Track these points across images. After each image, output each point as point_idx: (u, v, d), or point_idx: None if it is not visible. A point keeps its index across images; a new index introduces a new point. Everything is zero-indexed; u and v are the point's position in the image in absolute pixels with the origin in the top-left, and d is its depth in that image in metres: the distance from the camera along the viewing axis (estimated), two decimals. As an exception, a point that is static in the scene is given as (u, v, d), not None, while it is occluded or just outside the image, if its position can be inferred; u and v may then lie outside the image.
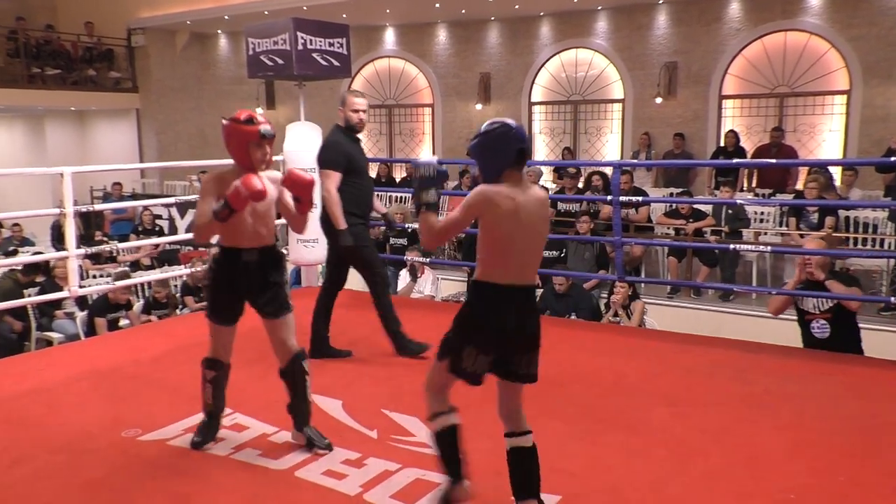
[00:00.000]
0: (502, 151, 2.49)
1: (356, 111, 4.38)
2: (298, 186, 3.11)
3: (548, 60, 12.27)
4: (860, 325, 4.65)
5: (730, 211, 7.61)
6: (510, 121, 2.56)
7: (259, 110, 14.37)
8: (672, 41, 11.20)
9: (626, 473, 2.99)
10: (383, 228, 7.62)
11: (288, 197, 3.20)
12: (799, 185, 9.06)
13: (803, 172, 9.02)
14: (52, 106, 14.09)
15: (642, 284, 7.00)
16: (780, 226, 7.96)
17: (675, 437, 3.30)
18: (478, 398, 2.83)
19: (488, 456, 2.89)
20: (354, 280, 4.69)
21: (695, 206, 7.91)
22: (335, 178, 4.23)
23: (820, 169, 7.72)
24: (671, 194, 9.67)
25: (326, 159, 4.31)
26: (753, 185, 9.74)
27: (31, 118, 15.18)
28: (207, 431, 3.27)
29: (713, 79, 10.91)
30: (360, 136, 4.53)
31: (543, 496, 2.78)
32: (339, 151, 4.29)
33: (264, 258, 3.15)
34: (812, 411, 3.59)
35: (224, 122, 3.07)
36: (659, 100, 11.24)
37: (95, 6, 14.38)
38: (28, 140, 15.55)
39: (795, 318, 4.77)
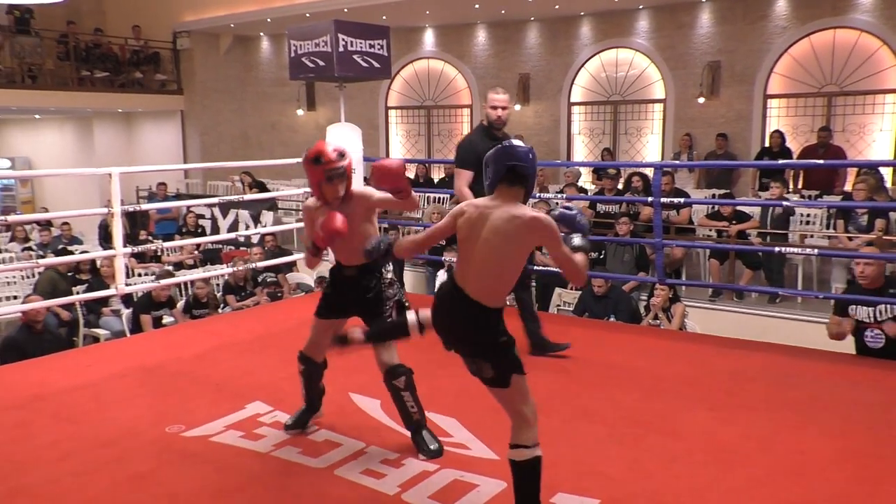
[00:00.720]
0: (496, 166, 2.61)
1: (494, 107, 4.23)
2: (388, 178, 3.08)
3: (588, 60, 12.17)
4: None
5: (778, 210, 7.45)
6: (518, 142, 2.71)
7: (300, 111, 14.57)
8: (715, 40, 11.01)
9: (666, 479, 2.94)
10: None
11: (383, 193, 3.21)
12: (847, 187, 8.83)
13: (852, 174, 8.80)
14: (100, 108, 14.45)
15: (683, 287, 6.90)
16: (828, 228, 7.78)
17: (716, 443, 3.24)
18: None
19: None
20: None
21: (738, 207, 7.77)
22: (465, 176, 4.17)
23: (870, 170, 7.51)
24: (713, 196, 9.52)
25: (458, 157, 4.27)
26: (799, 186, 9.53)
27: (80, 120, 15.60)
28: (300, 417, 3.43)
29: (758, 78, 10.70)
30: (501, 132, 4.33)
31: (582, 499, 2.76)
32: (471, 150, 4.15)
33: (362, 274, 3.26)
34: (860, 419, 3.50)
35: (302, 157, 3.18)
36: (701, 100, 11.07)
37: (142, 10, 14.72)
38: (77, 141, 15.98)
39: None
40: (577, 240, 2.62)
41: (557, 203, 4.94)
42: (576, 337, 5.03)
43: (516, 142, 2.70)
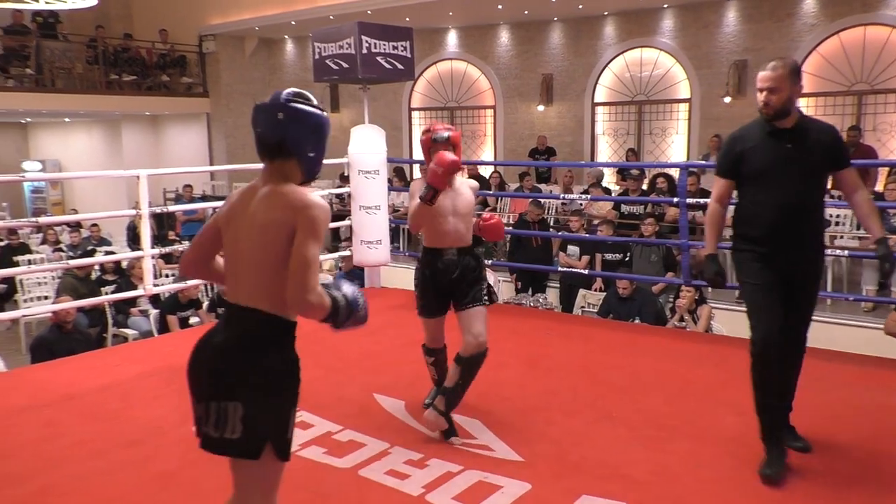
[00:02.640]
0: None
1: (759, 90, 3.00)
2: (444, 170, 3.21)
3: (612, 60, 12.09)
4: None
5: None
6: (289, 93, 2.15)
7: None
8: (742, 38, 10.88)
9: (692, 483, 2.91)
10: None
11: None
12: (878, 187, 8.66)
13: (883, 174, 8.63)
14: (128, 111, 14.65)
15: (709, 288, 6.82)
16: (857, 229, 7.64)
17: (745, 448, 3.18)
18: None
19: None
20: (410, 280, 4.72)
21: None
22: (718, 186, 3.21)
23: (901, 169, 7.37)
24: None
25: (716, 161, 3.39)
26: (829, 186, 9.36)
27: (108, 122, 15.83)
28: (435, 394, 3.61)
29: (786, 77, 10.55)
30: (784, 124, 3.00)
31: (606, 502, 2.74)
32: (727, 150, 3.14)
33: (462, 257, 3.41)
34: (892, 424, 3.43)
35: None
36: (727, 99, 10.94)
37: (169, 14, 14.90)
38: (105, 144, 16.21)
39: (879, 326, 4.56)
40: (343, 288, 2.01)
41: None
42: (600, 339, 5.01)
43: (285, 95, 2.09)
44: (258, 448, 1.87)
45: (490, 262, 7.26)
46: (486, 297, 3.43)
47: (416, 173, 11.89)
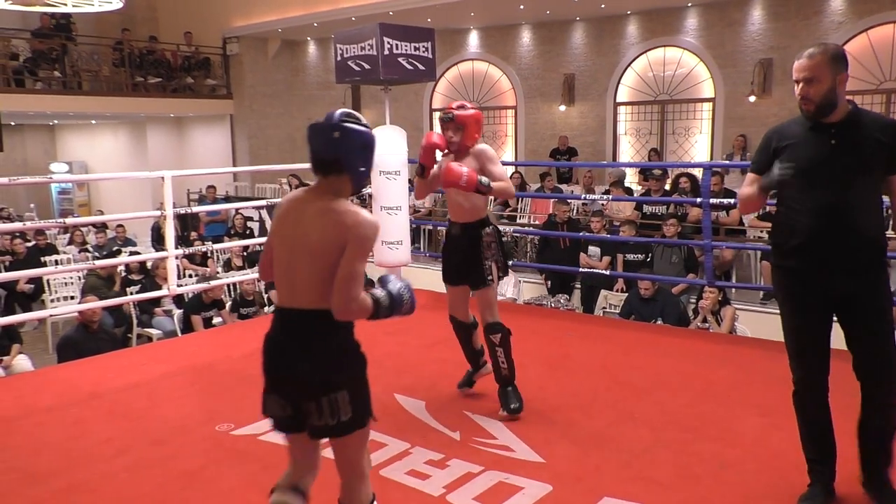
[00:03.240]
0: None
1: (795, 81, 2.70)
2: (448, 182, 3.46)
3: (634, 60, 12.02)
4: None
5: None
6: (341, 112, 2.24)
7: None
8: (767, 37, 10.75)
9: (715, 485, 2.89)
10: None
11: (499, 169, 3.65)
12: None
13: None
14: (153, 112, 14.83)
15: (733, 289, 6.76)
16: (886, 229, 7.50)
17: (769, 450, 3.16)
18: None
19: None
20: (431, 281, 4.73)
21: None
22: (746, 181, 2.90)
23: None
24: (766, 197, 9.27)
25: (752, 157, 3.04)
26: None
27: (133, 124, 16.03)
28: (466, 377, 3.91)
29: (812, 75, 10.41)
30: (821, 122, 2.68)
31: (627, 504, 2.73)
32: (764, 146, 2.84)
33: (465, 233, 3.64)
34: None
35: None
36: (752, 98, 10.83)
37: (194, 16, 15.06)
38: (131, 145, 16.43)
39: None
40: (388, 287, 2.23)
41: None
42: (622, 340, 4.98)
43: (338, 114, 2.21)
44: (366, 419, 2.19)
45: (512, 262, 7.26)
46: (489, 277, 3.58)
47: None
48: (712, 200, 5.28)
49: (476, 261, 3.58)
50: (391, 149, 5.86)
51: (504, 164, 3.79)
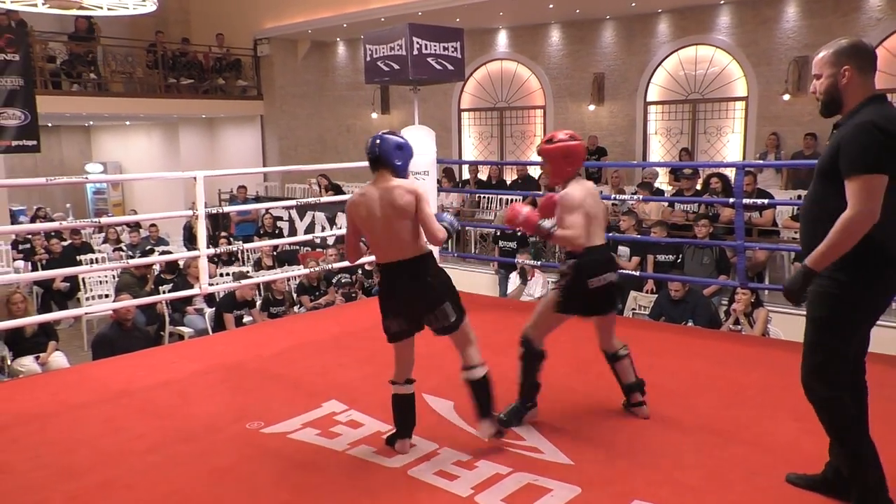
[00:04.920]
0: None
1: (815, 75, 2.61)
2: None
3: (665, 58, 11.89)
4: None
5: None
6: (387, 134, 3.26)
7: (374, 115, 14.81)
8: (802, 34, 10.56)
9: (747, 490, 2.84)
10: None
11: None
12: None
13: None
14: (185, 114, 15.06)
15: (766, 291, 6.65)
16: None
17: (803, 456, 3.09)
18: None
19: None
20: (459, 281, 4.70)
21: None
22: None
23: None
24: (799, 197, 9.13)
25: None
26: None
27: (166, 125, 16.29)
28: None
29: (848, 73, 10.20)
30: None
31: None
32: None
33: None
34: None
35: None
36: (787, 97, 10.65)
37: (225, 18, 15.25)
38: (164, 146, 16.70)
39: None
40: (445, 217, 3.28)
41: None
42: (652, 342, 4.92)
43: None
44: (463, 313, 3.23)
45: (539, 263, 7.23)
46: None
47: (466, 173, 11.91)
48: (745, 201, 5.19)
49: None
50: (420, 149, 5.85)
51: (532, 164, 3.67)
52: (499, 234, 8.72)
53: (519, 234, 8.38)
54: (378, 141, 3.18)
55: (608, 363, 3.59)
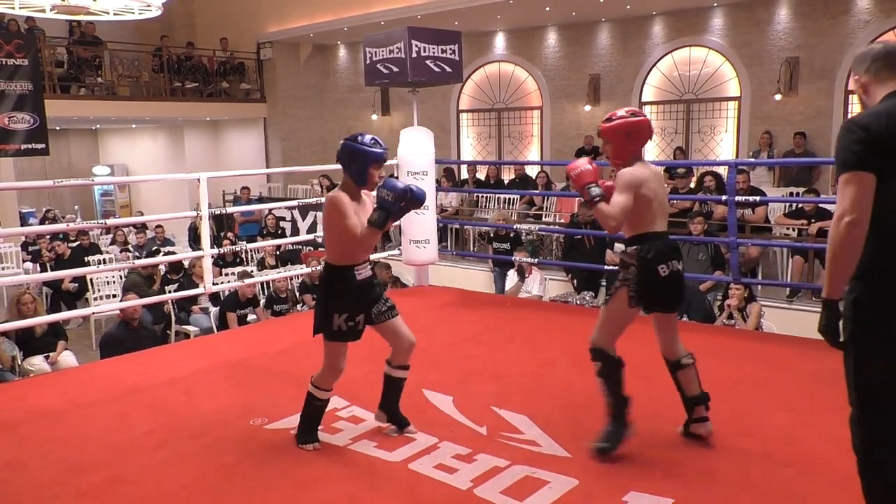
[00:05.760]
0: None
1: None
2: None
3: (660, 60, 11.97)
4: None
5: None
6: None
7: (374, 116, 14.88)
8: (794, 36, 10.64)
9: (743, 481, 2.89)
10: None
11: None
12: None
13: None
14: (190, 116, 15.14)
15: (759, 286, 6.74)
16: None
17: (796, 446, 3.16)
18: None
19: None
20: (459, 279, 4.78)
21: (821, 205, 7.52)
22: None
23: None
24: (791, 194, 9.22)
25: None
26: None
27: (171, 128, 16.37)
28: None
29: (839, 74, 10.26)
30: None
31: (654, 498, 2.76)
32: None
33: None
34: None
35: None
36: (778, 97, 10.73)
37: (229, 23, 15.33)
38: (169, 148, 16.78)
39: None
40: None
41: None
42: (647, 336, 4.99)
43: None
44: (320, 331, 3.34)
45: (537, 260, 7.32)
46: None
47: (464, 173, 11.99)
48: (738, 198, 5.28)
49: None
50: (418, 149, 5.95)
51: (529, 163, 3.53)
52: (493, 234, 8.81)
53: (512, 234, 8.46)
54: (339, 147, 3.16)
55: (670, 372, 3.28)
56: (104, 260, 10.23)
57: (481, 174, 11.82)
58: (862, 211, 2.08)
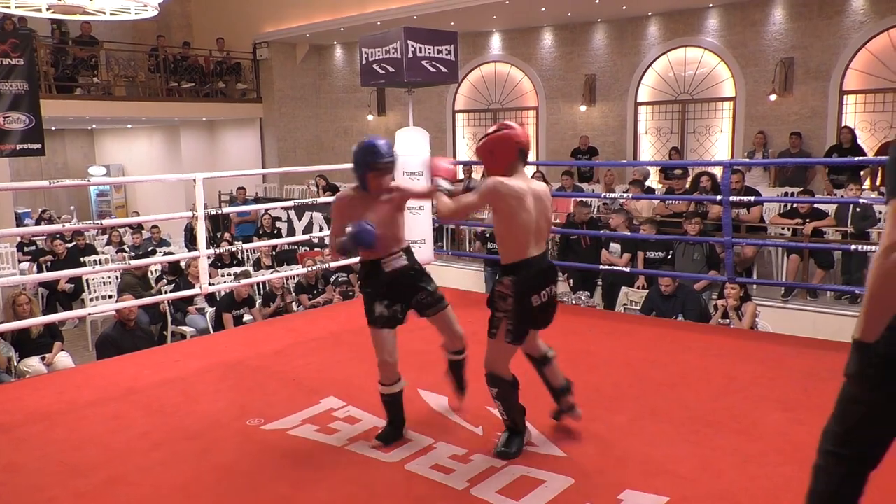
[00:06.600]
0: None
1: None
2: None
3: (655, 60, 12.00)
4: None
5: (857, 209, 7.19)
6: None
7: (370, 116, 14.88)
8: (789, 36, 10.68)
9: (738, 479, 2.90)
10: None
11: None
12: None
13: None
14: (187, 117, 15.11)
15: (754, 286, 6.76)
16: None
17: (791, 443, 3.17)
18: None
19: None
20: (455, 279, 4.78)
21: (815, 205, 7.55)
22: None
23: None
24: (785, 194, 9.25)
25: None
26: (878, 183, 9.14)
27: (168, 128, 16.36)
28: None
29: (833, 74, 10.31)
30: None
31: (650, 496, 2.76)
32: None
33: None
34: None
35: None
36: (773, 97, 10.76)
37: (226, 23, 15.32)
38: (165, 148, 16.76)
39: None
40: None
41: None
42: (643, 335, 5.01)
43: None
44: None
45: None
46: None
47: (460, 173, 11.99)
48: (733, 198, 5.30)
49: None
50: (414, 150, 5.95)
51: (526, 164, 3.41)
52: (488, 234, 8.82)
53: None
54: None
55: (536, 368, 3.38)
56: (100, 261, 10.22)
57: (477, 174, 11.81)
58: None
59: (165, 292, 7.99)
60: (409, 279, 3.39)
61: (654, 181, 11.09)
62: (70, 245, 10.55)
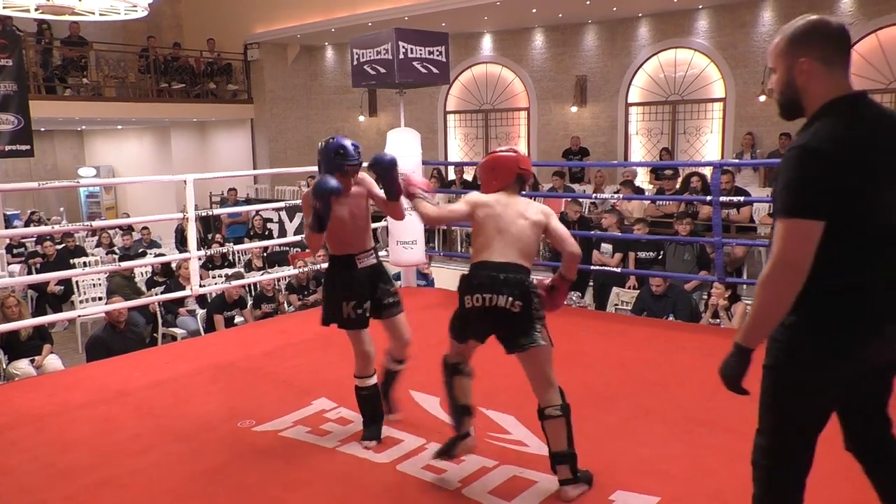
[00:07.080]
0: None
1: None
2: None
3: (646, 61, 12.05)
4: None
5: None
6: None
7: (362, 117, 14.87)
8: (779, 37, 10.77)
9: (729, 477, 2.91)
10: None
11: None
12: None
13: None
14: (177, 118, 15.06)
15: (744, 286, 6.79)
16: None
17: (780, 441, 3.20)
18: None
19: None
20: (445, 280, 4.78)
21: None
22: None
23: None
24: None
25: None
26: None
27: (158, 129, 16.29)
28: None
29: (822, 76, 10.38)
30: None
31: (641, 497, 2.77)
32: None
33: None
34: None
35: None
36: (762, 98, 10.82)
37: (216, 23, 15.28)
38: (155, 149, 16.69)
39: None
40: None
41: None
42: (635, 335, 5.03)
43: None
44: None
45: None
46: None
47: (452, 174, 12.02)
48: (723, 198, 5.32)
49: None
50: (406, 150, 5.95)
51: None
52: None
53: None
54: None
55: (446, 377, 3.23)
56: (90, 262, 10.16)
57: (468, 175, 11.82)
58: (801, 264, 1.81)
59: (156, 294, 7.95)
60: (377, 278, 3.41)
61: (643, 181, 11.13)
62: (59, 247, 10.49)
